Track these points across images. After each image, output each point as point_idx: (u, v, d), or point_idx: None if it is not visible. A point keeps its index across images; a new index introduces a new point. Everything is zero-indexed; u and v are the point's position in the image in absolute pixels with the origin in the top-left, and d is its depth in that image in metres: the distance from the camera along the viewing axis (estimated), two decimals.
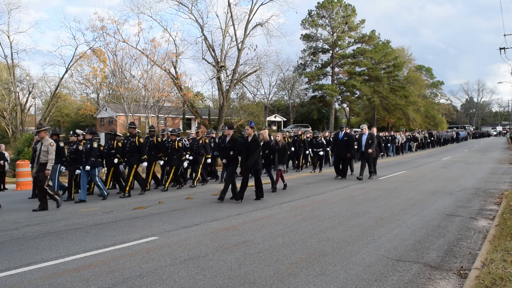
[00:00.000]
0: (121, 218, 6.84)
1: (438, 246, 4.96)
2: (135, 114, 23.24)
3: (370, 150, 11.99)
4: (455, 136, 43.53)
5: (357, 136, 13.68)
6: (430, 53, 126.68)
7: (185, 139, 11.76)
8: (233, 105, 37.00)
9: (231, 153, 8.64)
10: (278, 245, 4.98)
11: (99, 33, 20.94)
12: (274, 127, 43.48)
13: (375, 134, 13.54)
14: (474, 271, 3.83)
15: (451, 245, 5.01)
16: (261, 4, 24.44)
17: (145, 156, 9.82)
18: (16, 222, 6.56)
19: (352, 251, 4.72)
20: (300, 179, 12.74)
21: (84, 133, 9.90)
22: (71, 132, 10.32)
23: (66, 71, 25.03)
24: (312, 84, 44.93)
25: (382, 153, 20.31)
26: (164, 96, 22.70)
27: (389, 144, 23.85)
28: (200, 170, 11.67)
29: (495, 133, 68.64)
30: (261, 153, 9.28)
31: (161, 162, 10.73)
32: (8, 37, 24.17)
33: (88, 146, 9.17)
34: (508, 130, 61.06)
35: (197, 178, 11.67)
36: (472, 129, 66.33)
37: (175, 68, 22.51)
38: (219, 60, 23.62)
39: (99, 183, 9.22)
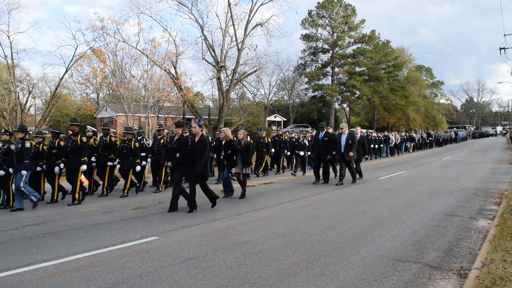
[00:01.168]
0: (121, 218, 6.84)
1: (438, 246, 4.96)
2: (135, 114, 23.22)
3: (351, 154, 10.95)
4: (453, 137, 42.62)
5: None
6: (429, 53, 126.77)
7: (147, 139, 10.94)
8: (233, 105, 36.95)
9: (178, 155, 7.42)
10: (278, 245, 4.98)
11: (99, 33, 20.90)
12: (274, 127, 43.48)
13: (358, 134, 12.58)
14: (474, 271, 3.83)
15: (451, 245, 5.01)
16: (261, 4, 24.40)
17: (85, 158, 8.60)
18: (16, 222, 6.56)
19: (352, 251, 4.72)
20: (299, 179, 12.74)
21: (104, 128, 9.91)
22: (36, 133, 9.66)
23: (66, 71, 24.96)
24: (312, 84, 44.91)
25: (366, 156, 19.44)
26: (164, 96, 22.67)
27: (382, 145, 22.97)
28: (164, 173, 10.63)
29: (494, 132, 68.63)
30: (223, 154, 8.93)
31: (111, 163, 9.56)
32: (8, 37, 24.12)
33: (20, 146, 7.99)
34: (508, 130, 61.04)
35: (161, 183, 10.55)
36: (473, 129, 66.29)
37: (175, 68, 22.50)
38: (219, 60, 23.62)
39: (24, 189, 7.85)
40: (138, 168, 9.87)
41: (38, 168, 8.60)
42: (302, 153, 14.43)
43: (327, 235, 5.50)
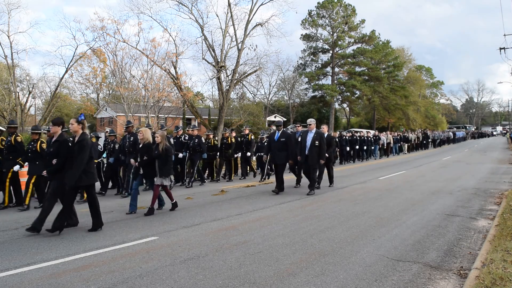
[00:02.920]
0: (121, 218, 6.84)
1: (438, 246, 4.96)
2: (135, 114, 23.24)
3: (321, 161, 9.51)
4: (451, 137, 41.29)
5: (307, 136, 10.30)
6: (428, 53, 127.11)
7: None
8: (233, 105, 36.98)
9: (54, 161, 5.91)
10: (278, 245, 4.98)
11: (99, 33, 20.93)
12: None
13: (327, 134, 10.80)
14: (474, 271, 3.83)
15: (451, 245, 5.01)
16: (261, 4, 24.36)
17: (20, 158, 7.94)
18: (16, 222, 6.55)
19: (352, 251, 4.72)
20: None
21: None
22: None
23: (66, 71, 25.00)
24: (312, 84, 44.92)
25: (341, 160, 18.55)
26: (164, 96, 22.69)
27: (372, 147, 21.82)
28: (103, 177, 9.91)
29: (495, 133, 68.60)
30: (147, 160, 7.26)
31: (16, 168, 8.02)
32: (8, 37, 24.15)
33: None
34: (508, 130, 61.02)
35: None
36: (473, 129, 66.20)
37: (175, 68, 22.48)
38: (219, 60, 23.60)
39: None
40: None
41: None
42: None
43: (327, 235, 5.50)
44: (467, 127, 64.59)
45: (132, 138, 9.25)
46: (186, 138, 11.63)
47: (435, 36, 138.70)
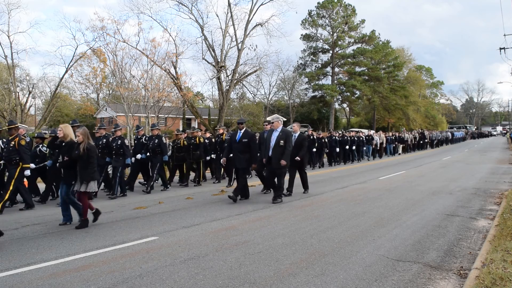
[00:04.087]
0: (121, 218, 6.84)
1: (438, 246, 4.96)
2: (135, 114, 23.22)
3: (283, 162, 8.06)
4: (450, 137, 39.84)
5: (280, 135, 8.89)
6: (428, 53, 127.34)
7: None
8: (233, 105, 36.99)
9: None
10: (278, 245, 4.98)
11: (99, 33, 20.94)
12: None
13: (297, 133, 9.49)
14: (474, 271, 3.83)
15: (451, 245, 5.01)
16: (261, 4, 24.44)
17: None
18: (16, 222, 6.55)
19: (352, 251, 4.72)
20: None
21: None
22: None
23: (66, 71, 25.01)
24: (312, 84, 44.95)
25: (314, 163, 17.04)
26: (164, 96, 22.69)
27: (364, 147, 20.78)
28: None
29: (495, 133, 68.60)
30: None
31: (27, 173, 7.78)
32: (8, 37, 24.14)
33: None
34: (508, 130, 61.02)
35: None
36: (474, 129, 66.10)
37: (175, 68, 22.51)
38: (219, 60, 23.62)
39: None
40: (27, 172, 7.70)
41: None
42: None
43: (327, 235, 5.50)
44: (468, 127, 64.52)
45: (104, 140, 9.46)
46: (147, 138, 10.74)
47: (435, 36, 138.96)
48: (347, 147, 18.97)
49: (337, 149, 18.23)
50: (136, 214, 7.19)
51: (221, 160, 9.51)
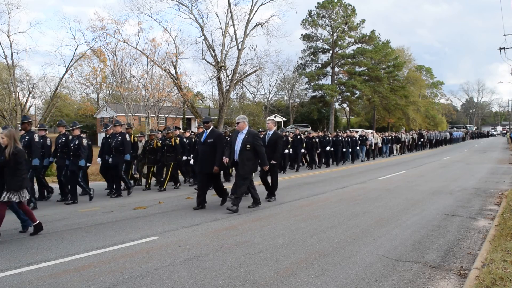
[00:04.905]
0: (121, 218, 6.84)
1: (438, 246, 4.96)
2: (135, 114, 23.23)
3: (266, 168, 7.64)
4: (448, 137, 38.83)
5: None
6: (427, 53, 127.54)
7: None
8: (233, 105, 37.00)
9: None
10: (278, 245, 4.98)
11: (99, 33, 20.96)
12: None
13: (271, 130, 8.80)
14: (474, 271, 3.83)
15: (451, 245, 5.01)
16: (261, 4, 24.44)
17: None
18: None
19: (352, 251, 4.72)
20: (299, 179, 12.74)
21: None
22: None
23: (66, 71, 25.02)
24: (312, 84, 44.94)
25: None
26: (164, 96, 22.70)
27: (357, 147, 19.80)
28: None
29: (495, 133, 68.58)
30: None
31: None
32: (8, 37, 24.13)
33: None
34: (508, 130, 61.00)
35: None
36: (474, 129, 66.02)
37: (175, 68, 22.52)
38: (219, 60, 23.62)
39: None
40: None
41: None
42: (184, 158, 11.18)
43: (327, 235, 5.50)
44: (468, 127, 64.48)
45: (64, 139, 8.73)
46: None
47: (434, 36, 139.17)
48: (338, 148, 17.96)
49: (330, 149, 17.44)
50: (136, 214, 7.19)
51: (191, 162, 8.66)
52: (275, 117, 48.04)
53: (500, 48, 22.76)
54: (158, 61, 21.54)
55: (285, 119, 48.71)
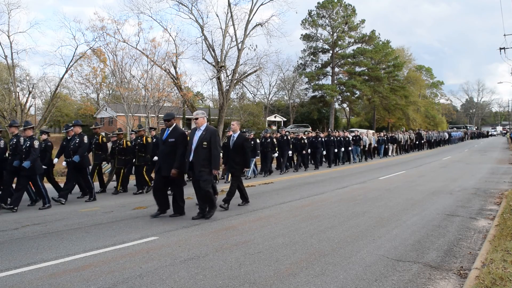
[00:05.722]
0: (121, 218, 6.83)
1: (438, 246, 4.96)
2: (135, 114, 23.24)
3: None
4: (447, 138, 37.76)
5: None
6: (426, 53, 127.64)
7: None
8: (233, 105, 37.01)
9: None
10: (278, 245, 4.98)
11: (99, 33, 21.00)
12: (274, 127, 43.51)
13: (236, 133, 7.82)
14: (474, 271, 3.83)
15: (451, 245, 5.01)
16: (261, 4, 24.42)
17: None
18: (16, 222, 6.55)
19: (352, 251, 4.72)
20: (299, 179, 12.74)
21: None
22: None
23: (66, 71, 25.01)
24: (312, 84, 44.97)
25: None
26: (164, 96, 22.73)
27: (350, 148, 18.94)
28: None
29: (495, 133, 68.56)
30: None
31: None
32: (8, 37, 24.12)
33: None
34: (508, 130, 60.98)
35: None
36: (474, 129, 65.95)
37: (175, 68, 22.53)
38: (219, 60, 23.62)
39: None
40: None
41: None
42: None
43: (327, 235, 5.50)
44: (468, 127, 64.43)
45: (15, 140, 8.00)
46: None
47: (433, 36, 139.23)
48: (336, 149, 17.35)
49: (324, 151, 16.72)
50: (136, 214, 7.19)
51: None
52: (275, 117, 48.13)
53: (500, 48, 22.73)
54: (158, 61, 21.57)
55: (285, 119, 48.75)
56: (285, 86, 49.70)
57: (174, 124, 6.90)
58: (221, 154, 7.80)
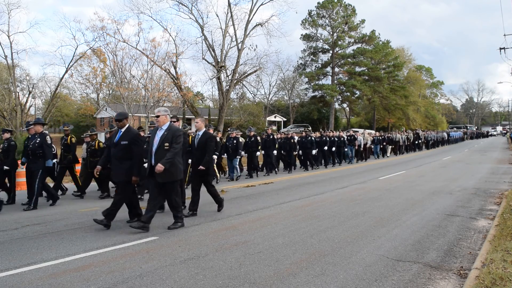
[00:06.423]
0: (121, 218, 6.82)
1: (438, 246, 4.96)
2: (135, 114, 23.23)
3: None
4: (445, 138, 37.41)
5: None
6: (426, 53, 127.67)
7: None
8: (233, 105, 36.99)
9: None
10: (278, 245, 4.98)
11: (99, 33, 21.01)
12: (274, 127, 43.52)
13: (201, 131, 7.06)
14: (474, 271, 3.83)
15: (451, 245, 5.01)
16: (261, 4, 24.46)
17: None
18: (16, 222, 6.55)
19: (352, 251, 4.72)
20: (299, 179, 12.74)
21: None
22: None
23: (66, 71, 25.04)
24: (312, 84, 44.93)
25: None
26: (164, 96, 22.72)
27: (345, 149, 18.25)
28: None
29: (495, 133, 68.54)
30: None
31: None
32: (8, 37, 24.15)
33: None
34: (508, 130, 60.95)
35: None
36: (474, 129, 65.90)
37: (175, 68, 22.54)
38: (219, 60, 23.62)
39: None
40: None
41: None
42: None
43: (327, 235, 5.50)
44: (468, 127, 64.41)
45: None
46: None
47: (432, 36, 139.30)
48: (326, 148, 16.78)
49: (314, 152, 15.89)
50: None
51: (96, 168, 6.44)
52: (275, 117, 48.11)
53: (500, 48, 22.74)
54: (158, 61, 21.57)
55: (285, 119, 48.73)
56: (285, 86, 49.67)
57: (127, 125, 6.20)
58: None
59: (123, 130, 6.13)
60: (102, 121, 42.10)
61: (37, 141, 7.80)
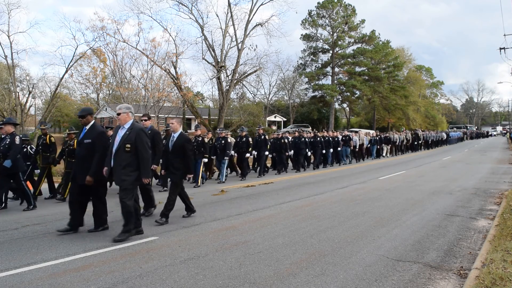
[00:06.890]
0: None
1: (438, 246, 4.96)
2: (135, 114, 23.17)
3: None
4: (445, 138, 36.87)
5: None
6: (426, 53, 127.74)
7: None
8: (233, 105, 36.98)
9: None
10: (278, 245, 4.98)
11: (99, 33, 20.99)
12: (274, 127, 43.51)
13: (178, 133, 6.68)
14: (474, 271, 3.83)
15: (451, 245, 5.01)
16: (261, 4, 24.43)
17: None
18: (16, 222, 6.55)
19: (352, 251, 4.72)
20: (299, 179, 12.74)
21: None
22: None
23: (66, 71, 25.00)
24: (312, 84, 44.95)
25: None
26: (164, 96, 22.71)
27: (339, 149, 17.70)
28: None
29: (494, 133, 68.53)
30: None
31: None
32: (8, 37, 24.12)
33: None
34: (508, 130, 60.93)
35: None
36: (475, 129, 65.86)
37: (175, 68, 22.51)
38: (219, 60, 23.61)
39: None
40: None
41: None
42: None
43: (327, 235, 5.50)
44: (468, 127, 64.39)
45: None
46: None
47: (432, 36, 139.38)
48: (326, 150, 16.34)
49: (308, 153, 15.68)
50: None
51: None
52: (275, 117, 48.13)
53: (500, 48, 22.73)
54: (158, 61, 21.56)
55: (285, 119, 48.75)
56: (285, 86, 49.71)
57: (92, 122, 5.77)
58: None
59: (87, 127, 5.75)
60: (102, 121, 42.08)
61: (7, 142, 7.36)
